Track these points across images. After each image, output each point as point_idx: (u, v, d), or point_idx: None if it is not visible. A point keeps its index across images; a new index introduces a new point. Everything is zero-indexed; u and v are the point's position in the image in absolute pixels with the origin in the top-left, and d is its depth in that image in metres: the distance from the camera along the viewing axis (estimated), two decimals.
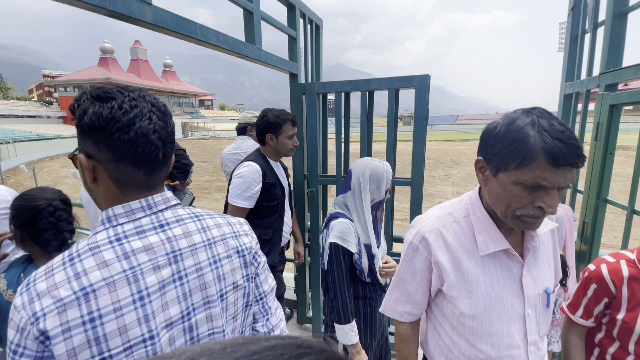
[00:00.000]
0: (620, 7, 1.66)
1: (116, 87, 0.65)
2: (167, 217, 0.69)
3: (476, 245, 0.87)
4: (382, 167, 1.47)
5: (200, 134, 62.62)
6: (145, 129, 0.62)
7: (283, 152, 1.99)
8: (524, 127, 0.72)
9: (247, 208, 1.89)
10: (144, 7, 1.10)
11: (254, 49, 1.75)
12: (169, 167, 0.72)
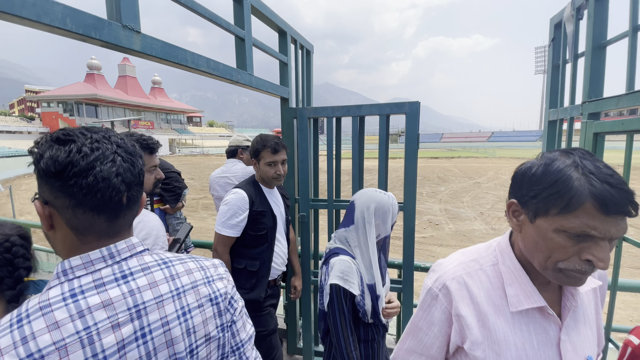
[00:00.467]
0: (599, 40, 1.74)
1: (81, 128, 0.63)
2: (132, 266, 0.64)
3: (506, 299, 0.77)
4: (388, 200, 1.38)
5: (188, 150, 62.08)
6: (106, 173, 0.59)
7: (265, 179, 1.93)
8: (566, 169, 0.65)
9: (232, 237, 1.84)
10: (132, 36, 1.08)
11: (245, 75, 1.74)
12: (136, 211, 0.68)
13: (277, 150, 1.87)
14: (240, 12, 1.68)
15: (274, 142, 1.87)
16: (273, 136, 1.93)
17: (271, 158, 1.87)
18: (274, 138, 1.91)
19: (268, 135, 1.93)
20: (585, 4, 1.81)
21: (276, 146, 1.87)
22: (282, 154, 1.90)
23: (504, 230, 10.17)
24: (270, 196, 1.98)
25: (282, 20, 2.11)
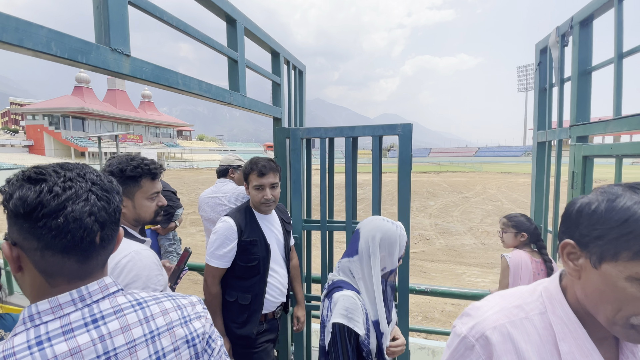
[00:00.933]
0: (584, 66, 1.80)
1: (55, 165, 0.61)
2: (103, 309, 0.60)
3: (558, 356, 0.66)
4: (396, 231, 1.28)
5: (177, 164, 61.37)
6: (78, 213, 0.57)
7: (254, 204, 1.81)
8: (637, 206, 0.57)
9: (222, 268, 1.73)
10: (121, 59, 1.04)
11: (237, 97, 1.72)
12: (111, 250, 0.66)
13: (263, 173, 1.73)
14: (233, 34, 1.68)
15: (262, 165, 1.74)
16: (264, 158, 1.81)
17: (258, 181, 1.74)
18: (264, 160, 1.78)
19: (259, 158, 1.80)
20: (569, 31, 1.87)
21: (263, 169, 1.73)
22: (270, 177, 1.74)
23: (494, 245, 10.22)
24: (264, 223, 1.84)
25: (275, 41, 2.12)
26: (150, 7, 1.14)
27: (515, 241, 2.01)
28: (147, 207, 1.24)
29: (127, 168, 1.19)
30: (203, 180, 30.89)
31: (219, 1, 1.51)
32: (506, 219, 2.08)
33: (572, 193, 1.84)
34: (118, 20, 1.02)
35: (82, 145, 51.64)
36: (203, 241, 8.55)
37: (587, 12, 1.70)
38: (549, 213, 2.24)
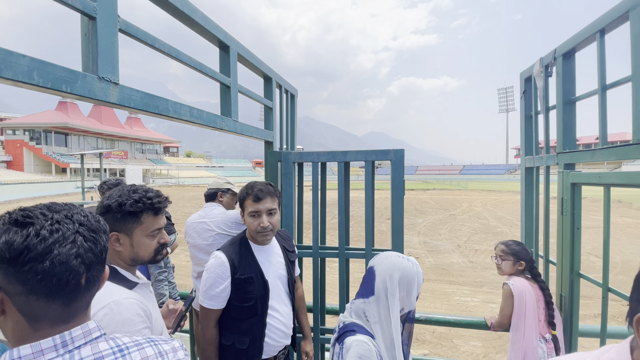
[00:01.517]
0: (569, 96, 1.86)
1: (42, 207, 0.62)
2: (84, 355, 0.60)
3: None
4: (413, 268, 1.20)
5: (162, 181, 60.21)
6: (64, 256, 0.57)
7: (251, 234, 1.63)
8: None
9: (216, 309, 1.54)
10: (109, 88, 1.00)
11: (229, 122, 1.69)
12: (96, 291, 0.66)
13: (259, 197, 1.55)
14: (226, 60, 1.67)
15: (258, 189, 1.57)
16: (261, 182, 1.64)
17: (253, 207, 1.55)
18: (261, 184, 1.61)
19: (256, 182, 1.64)
20: (553, 62, 1.94)
21: (259, 193, 1.55)
22: (267, 202, 1.56)
23: (482, 263, 10.27)
24: (262, 255, 1.64)
25: (268, 66, 2.12)
26: (141, 34, 1.11)
27: (512, 269, 1.99)
28: (146, 246, 1.10)
29: (126, 202, 1.06)
30: (189, 198, 30.31)
31: (213, 28, 1.51)
32: (504, 246, 2.04)
33: (562, 219, 1.85)
34: (107, 48, 0.99)
35: (64, 162, 50.22)
36: (188, 261, 8.27)
37: (570, 45, 1.77)
38: (539, 237, 2.25)
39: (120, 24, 1.04)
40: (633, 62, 1.31)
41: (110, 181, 2.53)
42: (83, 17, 0.96)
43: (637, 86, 1.30)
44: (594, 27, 1.55)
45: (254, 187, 1.59)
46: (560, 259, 1.86)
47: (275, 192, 1.63)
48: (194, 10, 1.37)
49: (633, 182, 1.35)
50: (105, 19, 0.98)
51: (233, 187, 2.52)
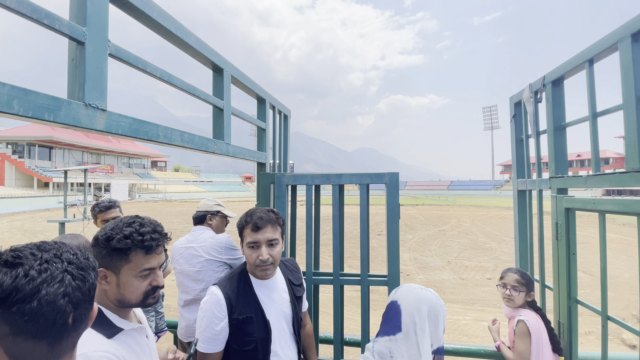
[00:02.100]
0: (559, 122, 1.89)
1: (32, 246, 0.63)
2: None
3: None
4: (437, 300, 1.13)
5: (149, 196, 58.99)
6: (52, 296, 0.58)
7: (250, 268, 1.46)
8: None
9: (214, 353, 1.36)
10: (95, 115, 0.95)
11: (222, 145, 1.64)
12: (83, 330, 0.66)
13: (258, 226, 1.38)
14: (220, 83, 1.63)
15: (258, 216, 1.40)
16: (262, 209, 1.47)
17: (252, 237, 1.38)
18: (261, 211, 1.44)
19: (256, 209, 1.47)
20: (542, 88, 1.98)
21: (259, 221, 1.38)
22: (267, 232, 1.39)
23: (472, 280, 10.28)
24: (264, 291, 1.46)
25: (261, 88, 2.11)
26: (133, 59, 1.07)
27: (523, 301, 1.87)
28: (134, 287, 0.98)
29: (115, 237, 0.96)
30: (176, 213, 29.68)
31: (207, 51, 1.48)
32: (519, 275, 1.88)
33: (557, 244, 1.84)
34: (95, 74, 0.94)
35: (47, 176, 48.78)
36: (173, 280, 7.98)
37: (558, 73, 1.82)
38: (534, 261, 2.24)
39: (110, 48, 1.00)
40: (624, 92, 1.34)
41: (103, 203, 2.36)
42: (71, 42, 0.92)
43: (628, 115, 1.32)
44: (583, 57, 1.59)
45: (253, 214, 1.43)
46: (557, 285, 1.84)
47: (278, 219, 1.46)
48: (188, 33, 1.35)
49: (629, 210, 1.35)
50: (94, 44, 0.94)
51: (223, 209, 2.41)
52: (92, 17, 0.94)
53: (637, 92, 1.28)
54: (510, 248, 14.22)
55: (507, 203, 44.16)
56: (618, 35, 1.34)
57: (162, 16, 1.20)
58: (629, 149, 1.32)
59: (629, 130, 1.32)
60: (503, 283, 1.93)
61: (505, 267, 9.35)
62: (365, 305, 1.95)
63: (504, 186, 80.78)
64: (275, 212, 1.48)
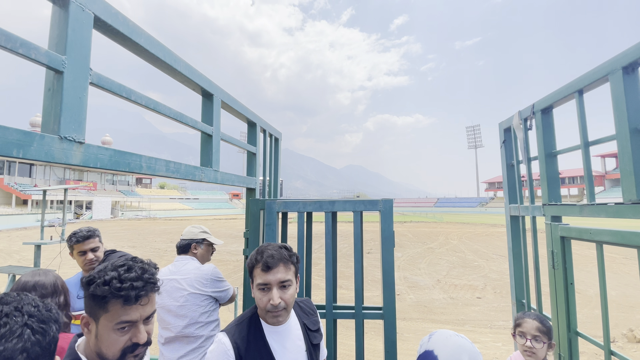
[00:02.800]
0: (550, 149, 1.90)
1: None
2: None
3: None
4: (474, 348, 1.06)
5: (132, 214, 57.31)
6: (9, 352, 0.57)
7: (261, 313, 1.31)
8: None
9: None
10: (71, 148, 0.87)
11: (209, 172, 1.57)
12: None
13: (269, 266, 1.25)
14: (209, 108, 1.58)
15: (269, 254, 1.27)
16: (274, 245, 1.32)
17: (262, 278, 1.25)
18: (273, 248, 1.30)
19: (268, 245, 1.32)
20: (532, 115, 2.00)
21: (269, 260, 1.25)
22: (279, 272, 1.25)
23: (462, 299, 10.21)
24: (276, 339, 1.31)
25: (252, 112, 2.06)
26: (116, 87, 1.00)
27: (545, 354, 1.62)
28: (111, 342, 0.87)
29: (95, 281, 0.87)
30: (160, 232, 28.81)
31: (196, 77, 1.43)
32: (539, 323, 1.63)
33: (553, 273, 1.81)
34: (74, 104, 0.87)
35: (27, 193, 46.91)
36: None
37: (547, 102, 1.84)
38: (530, 289, 2.20)
39: (92, 77, 0.93)
40: (616, 123, 1.35)
41: (81, 233, 2.05)
42: (49, 72, 0.85)
43: (622, 147, 1.32)
44: (572, 87, 1.61)
45: (264, 252, 1.29)
46: (556, 316, 1.80)
47: (291, 257, 1.32)
48: (177, 59, 1.30)
49: (627, 242, 1.33)
50: (74, 73, 0.87)
51: (209, 236, 2.26)
52: (73, 44, 0.87)
53: (630, 123, 1.29)
54: (498, 266, 14.29)
55: (493, 220, 44.84)
56: (609, 68, 1.36)
57: (150, 42, 1.14)
58: (625, 180, 1.32)
59: (623, 162, 1.32)
60: (521, 332, 1.66)
61: (494, 285, 9.33)
62: (360, 340, 1.84)
63: (489, 203, 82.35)
64: (289, 249, 1.34)
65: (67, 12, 0.87)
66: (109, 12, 0.98)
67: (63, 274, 2.05)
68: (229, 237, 24.70)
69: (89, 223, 40.11)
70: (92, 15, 0.93)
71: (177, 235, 25.43)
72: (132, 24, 1.07)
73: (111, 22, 1.00)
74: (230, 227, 34.44)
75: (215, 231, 29.16)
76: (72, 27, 0.87)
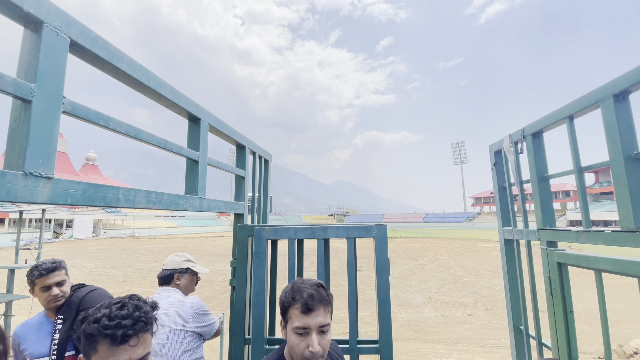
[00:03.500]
0: (542, 173, 1.89)
1: None
2: None
3: None
4: None
5: (116, 232, 55.46)
6: None
7: (293, 357, 1.16)
8: None
9: None
10: (37, 185, 0.78)
11: (194, 201, 1.48)
12: None
13: (310, 308, 1.12)
14: (196, 132, 1.50)
15: (308, 294, 1.14)
16: (311, 283, 1.20)
17: (301, 322, 1.12)
18: (311, 286, 1.18)
19: (304, 283, 1.19)
20: (522, 139, 2.01)
21: (310, 301, 1.12)
22: (319, 315, 1.13)
23: (453, 317, 10.11)
24: None
25: (241, 135, 1.99)
26: (93, 115, 0.93)
27: None
28: None
29: (88, 318, 0.84)
30: (144, 251, 27.85)
31: (182, 101, 1.36)
32: None
33: (552, 300, 1.76)
34: (43, 136, 0.79)
35: (4, 211, 44.88)
36: None
37: (537, 127, 1.85)
38: (528, 314, 2.14)
39: (65, 105, 0.85)
40: (610, 150, 1.34)
41: (44, 265, 1.84)
42: (15, 101, 0.77)
43: (617, 174, 1.31)
44: (563, 113, 1.62)
45: (302, 290, 1.15)
46: (556, 344, 1.74)
47: (329, 298, 1.21)
48: (162, 84, 1.23)
49: (628, 271, 1.30)
50: (44, 102, 0.80)
51: (193, 265, 2.13)
52: (45, 71, 0.80)
53: (624, 150, 1.28)
54: (488, 282, 14.31)
55: (480, 235, 45.29)
56: (599, 95, 1.37)
57: (132, 67, 1.08)
58: (622, 209, 1.30)
59: (619, 189, 1.31)
60: None
61: (484, 302, 9.28)
62: None
63: (476, 218, 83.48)
64: (325, 288, 1.22)
65: (39, 36, 0.80)
66: (87, 35, 0.92)
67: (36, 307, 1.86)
68: (215, 255, 24.03)
69: (68, 242, 38.50)
70: (68, 39, 0.87)
71: (162, 254, 24.55)
72: (113, 48, 1.01)
73: (90, 46, 0.93)
74: (217, 245, 33.64)
75: (202, 249, 28.37)
76: (45, 53, 0.80)
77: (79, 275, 15.38)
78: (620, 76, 1.26)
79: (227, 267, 18.29)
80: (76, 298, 1.80)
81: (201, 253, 25.81)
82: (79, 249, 29.66)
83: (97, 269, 17.97)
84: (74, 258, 22.85)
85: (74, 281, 1.96)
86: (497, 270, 16.69)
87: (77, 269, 17.61)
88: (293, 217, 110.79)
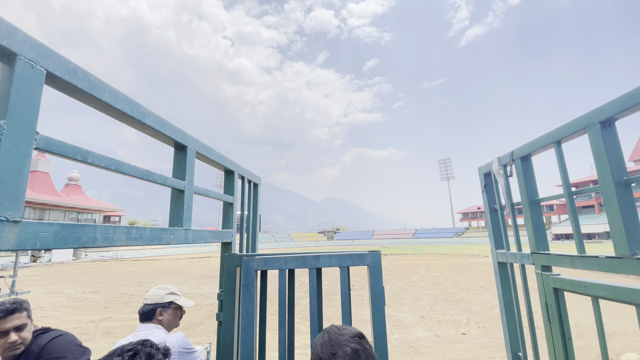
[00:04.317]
0: (532, 197, 1.89)
1: None
2: None
3: None
4: None
5: (97, 254, 53.35)
6: None
7: None
8: None
9: None
10: (3, 230, 0.71)
11: (179, 233, 1.40)
12: None
13: None
14: (182, 160, 1.45)
15: (354, 349, 1.03)
16: (351, 335, 1.08)
17: None
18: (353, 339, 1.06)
19: (342, 332, 1.08)
20: (511, 162, 2.02)
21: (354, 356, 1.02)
22: None
23: (447, 336, 9.95)
24: None
25: (229, 160, 1.94)
26: (69, 150, 0.86)
27: None
28: None
29: None
30: (127, 274, 26.76)
31: (168, 130, 1.31)
32: None
33: (549, 326, 1.72)
34: (11, 177, 0.72)
35: None
36: None
37: (526, 150, 1.87)
38: (525, 340, 2.09)
39: (37, 141, 0.79)
40: (600, 175, 1.35)
41: (2, 307, 1.59)
42: None
43: (609, 200, 1.31)
44: (551, 138, 1.64)
45: (343, 345, 1.04)
46: None
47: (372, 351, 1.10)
48: (146, 113, 1.18)
49: (624, 298, 1.28)
50: (14, 139, 0.73)
51: (177, 297, 1.99)
52: (17, 106, 0.74)
53: (613, 176, 1.29)
54: (479, 298, 14.25)
55: (469, 250, 45.53)
56: (585, 122, 1.39)
57: (115, 97, 1.03)
58: (615, 235, 1.29)
59: (611, 215, 1.31)
60: None
61: (477, 319, 9.24)
62: None
63: (464, 233, 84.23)
64: (364, 338, 1.11)
65: (12, 69, 0.75)
66: (65, 67, 0.87)
67: None
68: (202, 277, 23.27)
69: (47, 266, 36.73)
70: (44, 71, 0.82)
71: (146, 278, 23.60)
72: (94, 79, 0.96)
73: (68, 78, 0.88)
74: (204, 266, 32.66)
75: (188, 271, 27.46)
76: (17, 87, 0.75)
77: (56, 302, 14.56)
78: (606, 103, 1.28)
79: (214, 290, 17.69)
80: (36, 347, 1.56)
81: (187, 275, 24.98)
82: (57, 273, 28.27)
83: (76, 295, 17.09)
84: (52, 283, 21.73)
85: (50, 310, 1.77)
86: (488, 286, 16.67)
87: (55, 295, 16.70)
88: (283, 235, 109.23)
